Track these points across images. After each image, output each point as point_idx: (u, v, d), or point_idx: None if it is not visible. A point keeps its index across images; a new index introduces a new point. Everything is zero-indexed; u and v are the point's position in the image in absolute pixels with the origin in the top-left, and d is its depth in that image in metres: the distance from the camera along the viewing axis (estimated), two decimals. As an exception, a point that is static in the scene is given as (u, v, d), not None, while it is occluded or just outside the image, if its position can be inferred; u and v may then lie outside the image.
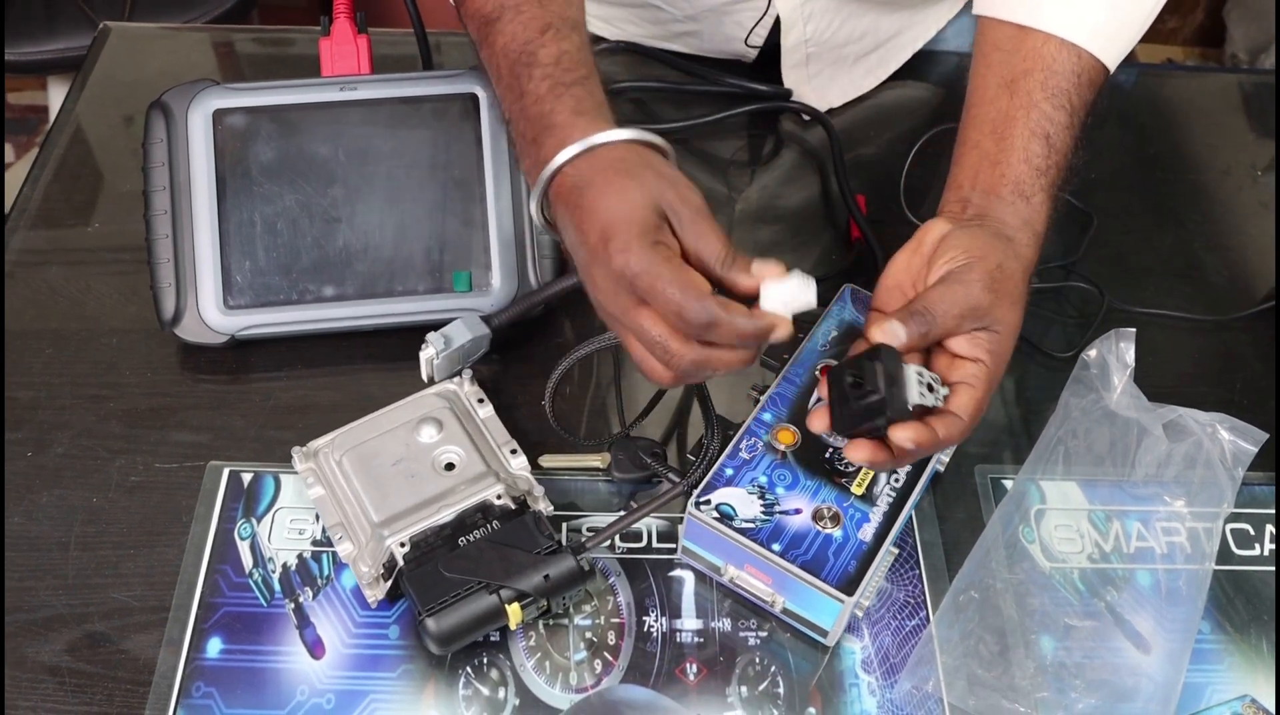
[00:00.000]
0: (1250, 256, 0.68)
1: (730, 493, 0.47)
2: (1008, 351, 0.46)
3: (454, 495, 0.48)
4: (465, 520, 0.47)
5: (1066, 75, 0.50)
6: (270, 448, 0.54)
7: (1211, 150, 0.74)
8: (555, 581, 0.45)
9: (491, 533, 0.46)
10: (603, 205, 0.41)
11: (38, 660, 0.46)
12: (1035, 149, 0.49)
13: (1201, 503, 0.52)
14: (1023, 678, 0.47)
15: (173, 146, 0.56)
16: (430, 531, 0.47)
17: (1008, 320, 0.46)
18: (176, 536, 0.50)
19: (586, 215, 0.42)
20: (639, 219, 0.40)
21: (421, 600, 0.44)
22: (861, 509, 0.48)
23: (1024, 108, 0.50)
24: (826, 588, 0.45)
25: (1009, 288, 0.46)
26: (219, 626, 0.47)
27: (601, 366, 0.59)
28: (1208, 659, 0.49)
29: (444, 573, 0.45)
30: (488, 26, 0.48)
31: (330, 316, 0.57)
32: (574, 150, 0.43)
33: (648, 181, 0.42)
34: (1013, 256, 0.47)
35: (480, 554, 0.45)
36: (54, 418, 0.54)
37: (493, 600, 0.45)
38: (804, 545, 0.46)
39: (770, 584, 0.47)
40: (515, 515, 0.47)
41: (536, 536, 0.46)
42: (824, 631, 0.47)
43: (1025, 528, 0.52)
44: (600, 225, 0.41)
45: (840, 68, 0.72)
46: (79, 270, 0.61)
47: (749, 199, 0.68)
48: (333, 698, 0.46)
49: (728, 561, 0.48)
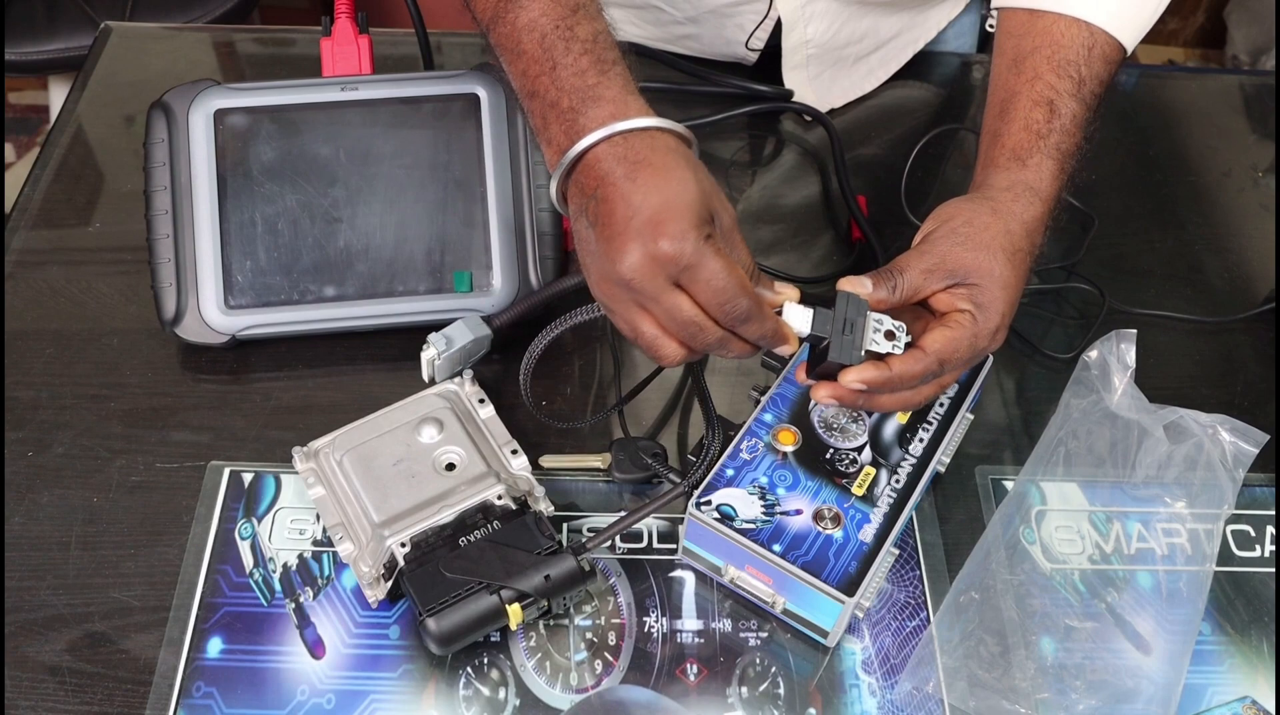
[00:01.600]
0: (1251, 258, 0.68)
1: (731, 493, 0.47)
2: (998, 301, 0.46)
3: (454, 495, 0.48)
4: (466, 520, 0.47)
5: (1074, 49, 0.50)
6: (271, 448, 0.54)
7: (1212, 152, 0.74)
8: (556, 582, 0.45)
9: (492, 533, 0.46)
10: (661, 186, 0.41)
11: (38, 660, 0.46)
12: (1036, 116, 0.49)
13: (1202, 504, 0.52)
14: (1023, 679, 0.47)
15: (174, 146, 0.56)
16: (431, 532, 0.47)
17: (985, 269, 0.46)
18: (177, 536, 0.50)
19: (638, 190, 0.41)
20: (697, 210, 0.41)
21: (422, 600, 0.44)
22: (862, 510, 0.48)
23: (1028, 81, 0.50)
24: (827, 589, 0.45)
25: (983, 239, 0.46)
26: (219, 626, 0.47)
27: (604, 366, 0.59)
28: (1208, 660, 0.49)
29: (444, 573, 0.45)
30: (507, 3, 0.46)
31: (331, 316, 0.57)
32: (640, 123, 0.42)
33: (703, 179, 0.43)
34: (988, 211, 0.47)
35: (481, 554, 0.45)
36: (55, 418, 0.54)
37: (493, 600, 0.45)
38: (805, 546, 0.46)
39: (771, 585, 0.47)
40: (516, 516, 0.47)
41: (537, 537, 0.46)
42: (824, 632, 0.47)
43: (1026, 529, 0.52)
44: (655, 205, 0.41)
45: (841, 69, 0.72)
46: (80, 270, 0.61)
47: (750, 199, 0.68)
48: (333, 698, 0.46)
49: (728, 562, 0.48)
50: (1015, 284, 0.47)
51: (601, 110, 0.43)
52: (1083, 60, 0.50)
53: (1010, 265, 0.46)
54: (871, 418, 0.51)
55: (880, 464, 0.49)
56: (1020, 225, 0.47)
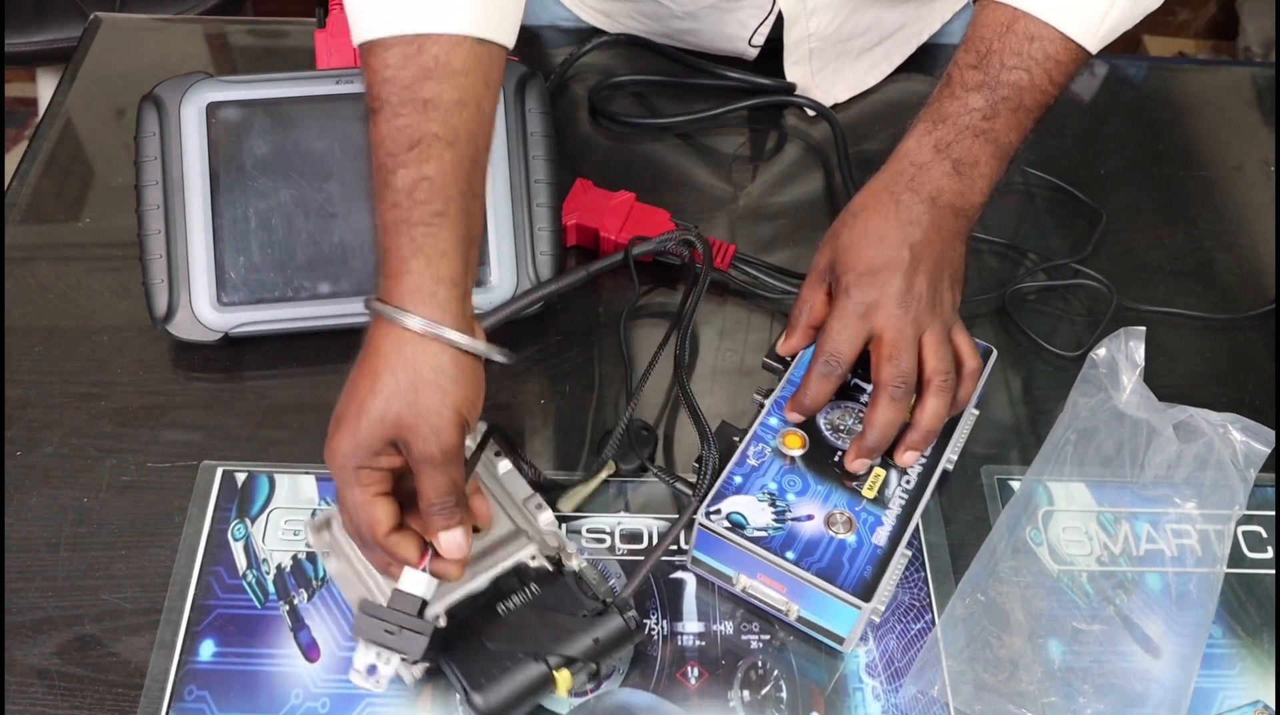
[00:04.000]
0: (1262, 254, 0.67)
1: (740, 501, 0.46)
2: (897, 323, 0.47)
3: (486, 559, 0.46)
4: (501, 585, 0.45)
5: (992, 27, 0.50)
6: (264, 447, 0.53)
7: (1223, 146, 0.73)
8: (605, 644, 0.43)
9: (533, 598, 0.44)
10: (357, 391, 0.41)
11: (27, 663, 0.45)
12: (936, 90, 0.51)
13: (1213, 505, 0.51)
14: (1030, 683, 0.46)
15: (165, 140, 0.55)
16: (465, 600, 0.44)
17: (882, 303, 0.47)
18: (169, 537, 0.49)
19: (353, 378, 0.42)
20: (366, 432, 0.40)
21: (466, 676, 0.42)
22: (874, 512, 0.47)
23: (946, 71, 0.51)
24: (843, 595, 0.44)
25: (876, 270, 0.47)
26: (212, 629, 0.47)
27: (606, 384, 0.58)
28: (1219, 664, 0.48)
29: (487, 644, 0.43)
30: (369, 114, 0.43)
31: (326, 314, 0.56)
32: (412, 325, 0.40)
33: (420, 402, 0.40)
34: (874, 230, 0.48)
35: (524, 621, 0.43)
36: (44, 416, 0.54)
37: (540, 669, 0.42)
38: (818, 552, 0.45)
39: (785, 592, 0.46)
40: (553, 576, 0.46)
41: (580, 598, 0.44)
42: (840, 639, 0.46)
43: (1032, 530, 0.51)
44: (344, 403, 0.42)
45: (844, 62, 0.71)
46: (69, 266, 0.60)
47: (751, 194, 0.67)
48: (328, 702, 0.45)
49: (739, 571, 0.47)
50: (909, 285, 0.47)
51: (395, 284, 0.41)
52: (995, 36, 0.50)
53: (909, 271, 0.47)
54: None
55: (889, 465, 0.48)
56: (907, 213, 0.48)
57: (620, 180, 0.63)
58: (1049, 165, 0.69)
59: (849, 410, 0.50)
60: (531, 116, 0.58)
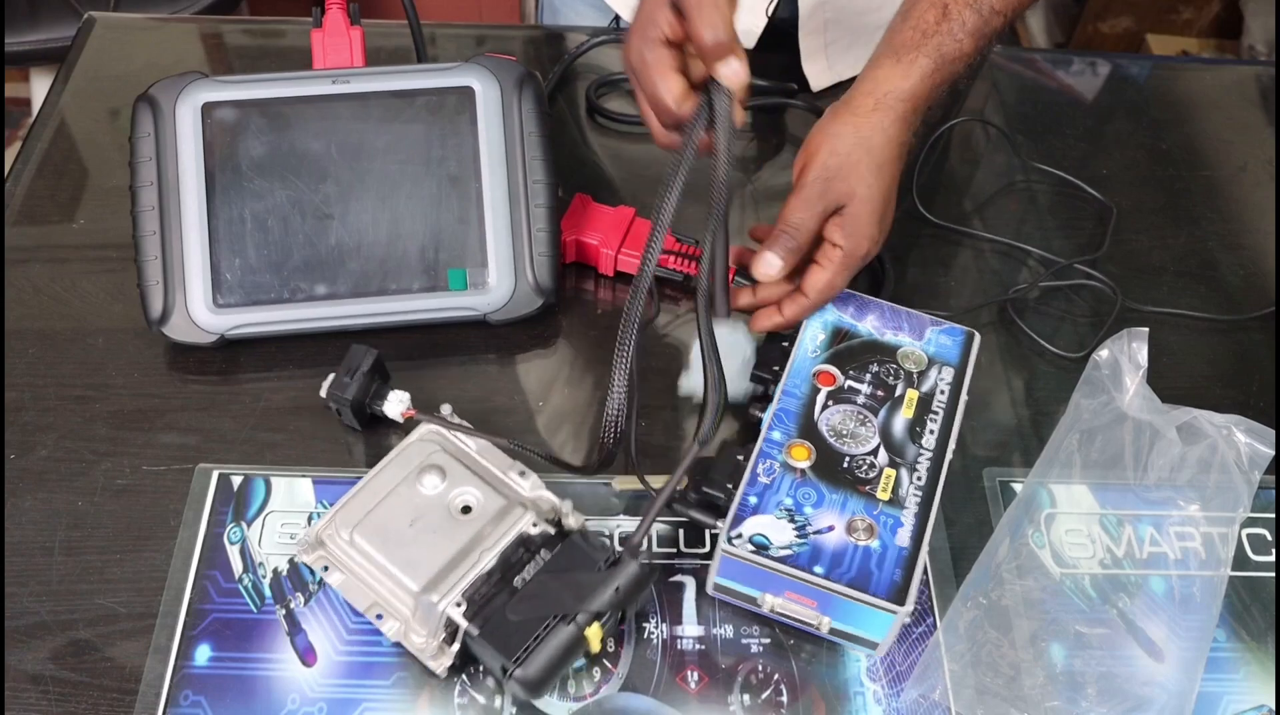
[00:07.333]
0: (1266, 254, 0.66)
1: (760, 521, 0.46)
2: (866, 223, 0.50)
3: (487, 538, 0.46)
4: (509, 559, 0.45)
5: None
6: (260, 450, 0.52)
7: (1227, 145, 0.73)
8: (626, 591, 0.44)
9: (545, 563, 0.44)
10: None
11: (20, 669, 0.45)
12: (928, 17, 0.52)
13: (1216, 507, 0.51)
14: (1032, 686, 0.46)
15: (160, 141, 0.55)
16: (479, 581, 0.44)
17: (852, 193, 0.50)
18: (164, 541, 0.49)
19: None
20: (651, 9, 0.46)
21: (504, 653, 0.42)
22: (892, 514, 0.46)
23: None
24: (877, 602, 0.43)
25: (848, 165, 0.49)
26: (208, 633, 0.46)
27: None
28: (1223, 668, 0.48)
29: (511, 618, 0.42)
30: None
31: (322, 316, 0.55)
32: None
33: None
34: (850, 133, 0.50)
35: (543, 588, 0.43)
36: (38, 420, 0.53)
37: (571, 629, 0.42)
38: (845, 562, 0.45)
39: (815, 606, 0.45)
40: (558, 539, 0.46)
41: (591, 552, 0.44)
42: (874, 645, 0.46)
43: (1035, 532, 0.51)
44: None
45: (859, 36, 0.70)
46: (64, 268, 0.60)
47: (755, 192, 0.67)
48: (325, 706, 0.45)
49: (765, 591, 0.46)
50: (882, 196, 0.51)
51: None
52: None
53: (877, 179, 0.50)
54: (878, 418, 0.50)
55: (898, 463, 0.48)
56: (882, 136, 0.50)
57: (618, 181, 0.63)
58: (1052, 164, 0.69)
59: (849, 413, 0.50)
60: (529, 116, 0.57)
